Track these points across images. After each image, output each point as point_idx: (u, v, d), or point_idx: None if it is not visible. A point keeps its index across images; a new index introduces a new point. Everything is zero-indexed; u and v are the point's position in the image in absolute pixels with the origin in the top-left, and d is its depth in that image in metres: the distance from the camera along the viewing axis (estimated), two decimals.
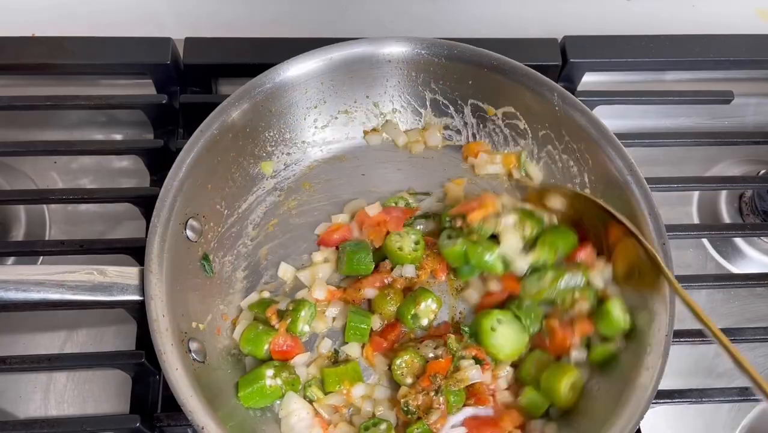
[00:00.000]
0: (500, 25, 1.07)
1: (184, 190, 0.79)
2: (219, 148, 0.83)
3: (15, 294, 0.70)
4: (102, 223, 0.95)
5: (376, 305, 0.85)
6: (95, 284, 0.72)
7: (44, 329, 0.88)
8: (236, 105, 0.84)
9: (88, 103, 0.96)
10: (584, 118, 0.85)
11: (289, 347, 0.80)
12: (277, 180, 0.92)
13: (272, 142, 0.90)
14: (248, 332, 0.81)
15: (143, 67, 0.99)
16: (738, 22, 1.11)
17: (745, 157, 1.06)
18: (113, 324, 0.88)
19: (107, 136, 1.03)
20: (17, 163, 0.98)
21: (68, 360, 0.82)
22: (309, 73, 0.87)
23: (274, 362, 0.80)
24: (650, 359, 0.73)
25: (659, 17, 1.13)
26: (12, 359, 0.79)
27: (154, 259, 0.74)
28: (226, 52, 1.01)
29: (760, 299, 0.95)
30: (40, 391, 0.85)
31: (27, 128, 1.01)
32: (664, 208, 0.81)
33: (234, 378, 0.79)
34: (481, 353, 0.80)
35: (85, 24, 1.01)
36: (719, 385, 0.88)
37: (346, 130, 0.95)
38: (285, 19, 1.08)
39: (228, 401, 0.77)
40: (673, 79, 1.11)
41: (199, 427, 0.68)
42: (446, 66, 0.90)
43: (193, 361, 0.74)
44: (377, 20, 1.09)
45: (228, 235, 0.87)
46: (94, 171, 0.99)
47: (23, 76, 1.04)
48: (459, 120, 0.95)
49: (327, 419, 0.79)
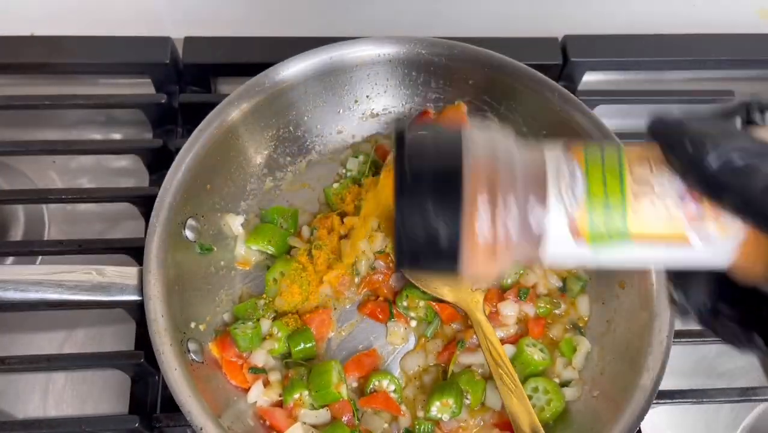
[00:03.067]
0: (500, 25, 1.07)
1: (184, 190, 0.78)
2: (218, 148, 0.83)
3: (13, 294, 0.70)
4: (101, 223, 0.95)
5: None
6: (94, 283, 0.72)
7: (43, 329, 0.87)
8: (236, 105, 0.83)
9: (87, 102, 0.96)
10: (585, 118, 0.85)
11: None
12: (276, 180, 0.92)
13: (272, 142, 0.90)
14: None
15: (142, 66, 0.99)
16: (738, 22, 1.10)
17: None
18: (112, 324, 0.87)
19: (106, 135, 1.02)
20: (16, 163, 0.98)
21: (67, 360, 0.82)
22: (309, 73, 0.87)
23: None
24: (651, 359, 0.73)
25: (659, 17, 1.12)
26: (10, 359, 0.79)
27: (153, 259, 0.74)
28: (226, 52, 1.01)
29: None
30: (38, 391, 0.84)
31: (26, 128, 1.01)
32: None
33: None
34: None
35: (84, 23, 1.01)
36: (720, 385, 0.88)
37: (347, 130, 0.95)
38: (285, 19, 1.08)
39: (227, 401, 0.77)
40: (673, 79, 1.11)
41: (198, 427, 0.68)
42: (446, 66, 0.90)
43: (192, 361, 0.74)
44: (377, 20, 1.09)
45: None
46: (92, 171, 0.99)
47: (22, 76, 1.03)
48: None
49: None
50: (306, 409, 0.77)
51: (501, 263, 0.43)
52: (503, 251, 0.42)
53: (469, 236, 0.42)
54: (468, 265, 0.43)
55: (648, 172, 0.42)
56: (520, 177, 0.42)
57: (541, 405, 0.79)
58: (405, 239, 0.42)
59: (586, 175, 0.42)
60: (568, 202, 0.42)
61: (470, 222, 0.41)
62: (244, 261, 0.87)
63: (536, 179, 0.43)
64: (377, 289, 0.85)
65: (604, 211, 0.41)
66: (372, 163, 0.91)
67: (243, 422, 0.76)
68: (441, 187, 0.42)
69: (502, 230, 0.42)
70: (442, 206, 0.41)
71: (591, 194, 0.42)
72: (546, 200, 0.42)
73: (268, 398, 0.78)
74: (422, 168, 0.42)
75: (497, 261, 0.43)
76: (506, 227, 0.42)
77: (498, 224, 0.42)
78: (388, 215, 0.84)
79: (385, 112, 0.95)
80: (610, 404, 0.75)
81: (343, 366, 0.81)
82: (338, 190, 0.90)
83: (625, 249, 0.42)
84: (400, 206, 0.42)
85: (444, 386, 0.79)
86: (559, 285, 0.86)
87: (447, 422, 0.78)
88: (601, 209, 0.41)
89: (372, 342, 0.84)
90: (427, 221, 0.41)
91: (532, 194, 0.42)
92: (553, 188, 0.42)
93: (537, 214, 0.42)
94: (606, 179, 0.42)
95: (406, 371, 0.82)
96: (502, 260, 0.43)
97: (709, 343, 0.89)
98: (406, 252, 0.43)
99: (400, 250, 0.43)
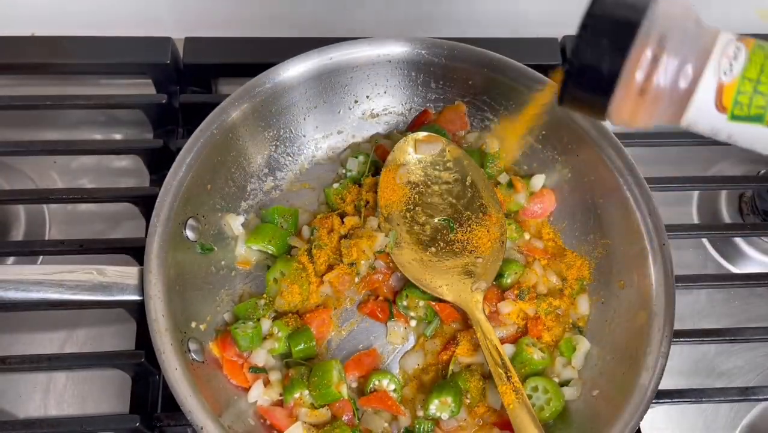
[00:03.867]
0: (500, 25, 1.07)
1: (184, 190, 0.79)
2: (219, 148, 0.83)
3: (14, 294, 0.70)
4: (101, 222, 0.95)
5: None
6: (95, 283, 0.72)
7: (44, 329, 0.88)
8: (236, 105, 0.84)
9: (88, 102, 0.96)
10: (584, 118, 0.85)
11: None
12: (276, 180, 0.92)
13: (272, 142, 0.90)
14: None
15: (143, 66, 0.99)
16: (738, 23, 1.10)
17: (745, 157, 1.05)
18: (113, 324, 0.88)
19: (107, 135, 1.03)
20: (17, 163, 0.98)
21: (68, 360, 0.82)
22: (309, 73, 0.87)
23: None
24: (650, 359, 0.74)
25: None
26: (11, 359, 0.79)
27: (153, 259, 0.74)
28: (226, 52, 1.01)
29: (760, 299, 0.95)
30: (39, 391, 0.85)
31: (27, 128, 1.01)
32: (664, 208, 0.81)
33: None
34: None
35: (84, 24, 1.01)
36: (719, 385, 0.89)
37: (347, 130, 0.95)
38: (285, 19, 1.08)
39: (228, 401, 0.77)
40: None
41: (198, 427, 0.68)
42: (446, 66, 0.90)
43: (192, 361, 0.74)
44: (377, 20, 1.09)
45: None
46: (93, 171, 0.99)
47: (23, 76, 1.04)
48: None
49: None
50: (306, 408, 0.78)
51: (645, 115, 0.51)
52: (651, 103, 0.50)
53: (627, 77, 0.49)
54: (617, 104, 0.51)
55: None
56: (688, 44, 0.50)
57: (541, 405, 0.79)
58: (574, 65, 0.51)
59: (749, 58, 0.48)
60: (724, 74, 0.48)
61: (632, 67, 0.49)
62: (245, 261, 0.87)
63: (702, 52, 0.49)
64: (377, 289, 0.86)
65: (752, 93, 0.48)
66: (372, 163, 0.91)
67: (243, 422, 0.76)
68: (619, 30, 0.49)
69: (655, 82, 0.49)
70: (614, 47, 0.49)
71: (746, 74, 0.48)
72: (703, 72, 0.49)
73: (268, 397, 0.79)
74: (608, 10, 0.50)
75: (642, 111, 0.51)
76: (660, 81, 0.49)
77: (654, 76, 0.49)
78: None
79: (385, 112, 0.95)
80: (610, 403, 0.75)
81: (343, 366, 0.81)
82: (338, 191, 0.90)
83: (757, 131, 0.48)
84: (579, 37, 0.50)
85: (443, 385, 0.79)
86: (559, 285, 0.86)
87: (446, 421, 0.78)
88: (750, 90, 0.48)
89: (372, 342, 0.84)
90: (597, 54, 0.50)
91: (692, 62, 0.49)
92: (714, 60, 0.49)
93: (694, 76, 0.49)
94: (764, 66, 0.48)
95: (405, 371, 0.83)
96: (647, 112, 0.51)
97: (709, 343, 0.89)
98: (572, 77, 0.51)
99: (568, 75, 0.51)
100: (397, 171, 0.88)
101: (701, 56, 0.49)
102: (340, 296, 0.85)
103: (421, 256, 0.85)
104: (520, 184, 0.90)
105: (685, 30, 0.50)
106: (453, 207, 0.87)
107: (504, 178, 0.91)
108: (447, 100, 0.94)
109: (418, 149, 0.89)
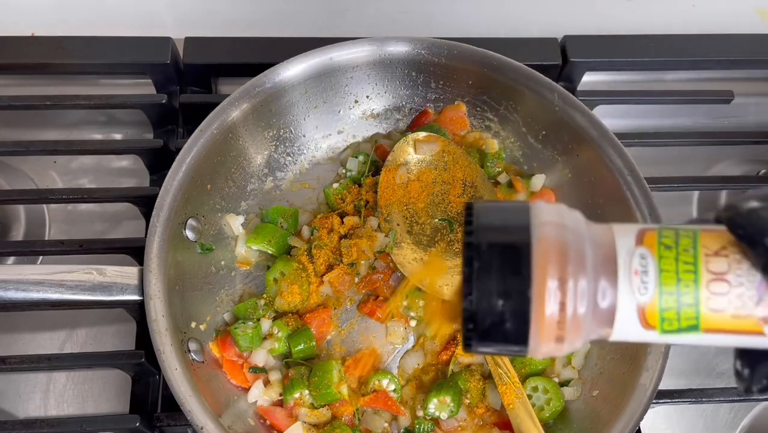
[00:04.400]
0: (500, 25, 1.07)
1: (184, 190, 0.79)
2: (219, 149, 0.83)
3: (14, 294, 0.70)
4: (102, 222, 0.95)
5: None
6: (95, 283, 0.72)
7: (44, 329, 0.88)
8: (236, 105, 0.84)
9: (88, 102, 0.96)
10: (584, 118, 0.85)
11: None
12: (276, 180, 0.92)
13: (272, 142, 0.90)
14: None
15: (143, 66, 0.99)
16: (738, 22, 1.11)
17: (745, 158, 1.06)
18: (113, 324, 0.88)
19: (107, 135, 1.02)
20: (17, 163, 0.98)
21: (68, 360, 0.82)
22: (309, 73, 0.87)
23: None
24: (650, 359, 0.73)
25: (659, 17, 1.12)
26: (11, 359, 0.79)
27: (153, 259, 0.74)
28: (226, 52, 1.01)
29: None
30: (39, 391, 0.85)
31: (27, 128, 1.01)
32: (664, 209, 0.81)
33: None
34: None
35: (84, 24, 1.01)
36: (719, 385, 0.88)
37: (347, 130, 0.95)
38: (285, 19, 1.08)
39: (228, 401, 0.77)
40: (673, 79, 1.11)
41: (199, 427, 0.68)
42: (446, 66, 0.90)
43: (192, 361, 0.75)
44: (377, 20, 1.09)
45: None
46: (93, 171, 0.99)
47: (23, 76, 1.04)
48: None
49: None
50: (306, 408, 0.78)
51: (570, 344, 0.43)
52: (573, 333, 0.42)
53: (538, 319, 0.41)
54: (537, 346, 0.42)
55: (725, 264, 0.40)
56: (589, 258, 0.41)
57: (541, 405, 0.79)
58: (473, 321, 0.42)
59: (659, 267, 0.41)
60: (640, 294, 0.41)
61: (539, 305, 0.41)
62: (245, 261, 0.87)
63: (607, 262, 0.42)
64: (377, 289, 0.86)
65: (677, 307, 0.41)
66: (372, 163, 0.91)
67: (243, 422, 0.76)
68: (509, 268, 0.41)
69: (571, 312, 0.41)
70: (510, 288, 0.41)
71: (664, 288, 0.41)
72: (617, 285, 0.41)
73: (268, 397, 0.79)
74: (490, 247, 0.42)
75: (566, 342, 0.42)
76: (576, 310, 0.41)
77: (567, 306, 0.41)
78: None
79: (385, 112, 0.95)
80: (610, 403, 0.75)
81: (343, 366, 0.81)
82: (338, 191, 0.90)
83: (694, 338, 0.42)
84: (468, 288, 0.41)
85: (443, 384, 0.79)
86: None
87: (446, 421, 0.78)
88: (674, 304, 0.41)
89: (372, 342, 0.84)
90: (495, 304, 0.41)
91: (603, 277, 0.41)
92: (624, 277, 0.41)
93: (608, 299, 0.41)
94: (679, 271, 0.41)
95: (405, 371, 0.83)
96: (572, 341, 0.43)
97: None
98: (473, 334, 0.42)
99: (468, 331, 0.42)
100: (397, 171, 0.88)
101: (608, 271, 0.42)
102: (340, 296, 0.85)
103: (421, 256, 0.85)
104: (521, 185, 0.90)
105: (579, 241, 0.42)
106: (453, 207, 0.87)
107: (504, 179, 0.91)
108: (447, 100, 0.94)
109: (418, 149, 0.89)
